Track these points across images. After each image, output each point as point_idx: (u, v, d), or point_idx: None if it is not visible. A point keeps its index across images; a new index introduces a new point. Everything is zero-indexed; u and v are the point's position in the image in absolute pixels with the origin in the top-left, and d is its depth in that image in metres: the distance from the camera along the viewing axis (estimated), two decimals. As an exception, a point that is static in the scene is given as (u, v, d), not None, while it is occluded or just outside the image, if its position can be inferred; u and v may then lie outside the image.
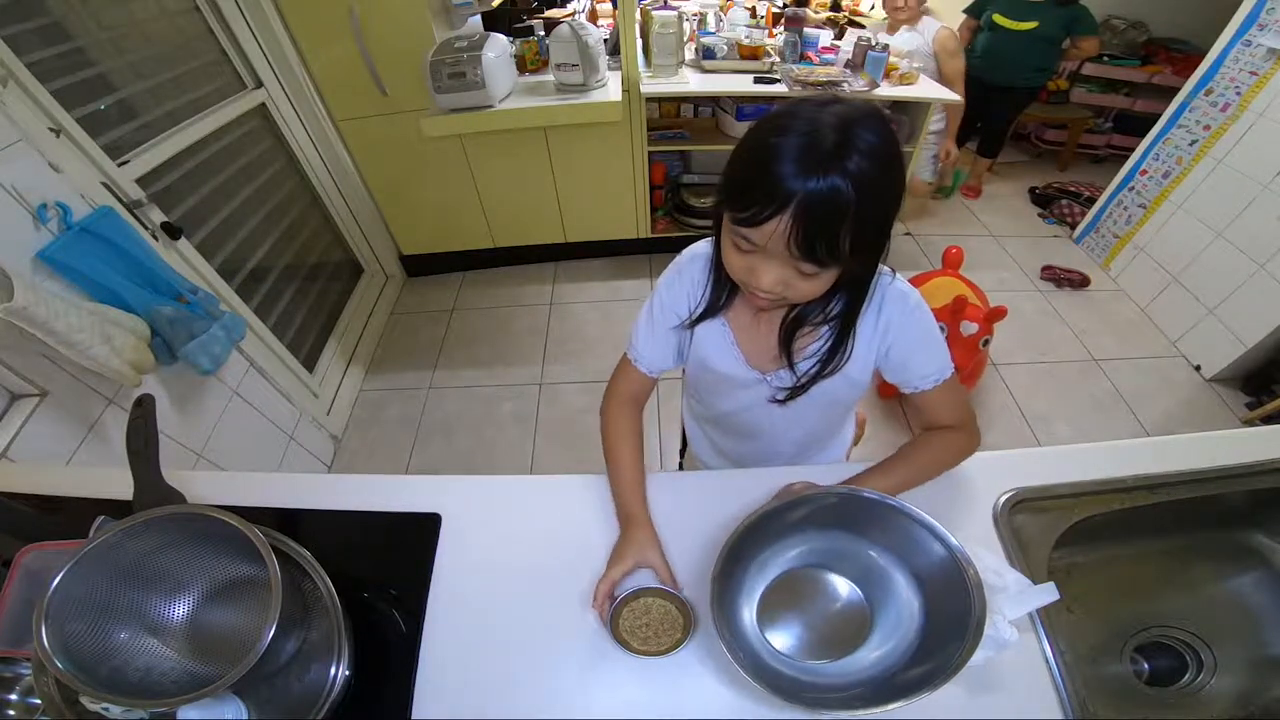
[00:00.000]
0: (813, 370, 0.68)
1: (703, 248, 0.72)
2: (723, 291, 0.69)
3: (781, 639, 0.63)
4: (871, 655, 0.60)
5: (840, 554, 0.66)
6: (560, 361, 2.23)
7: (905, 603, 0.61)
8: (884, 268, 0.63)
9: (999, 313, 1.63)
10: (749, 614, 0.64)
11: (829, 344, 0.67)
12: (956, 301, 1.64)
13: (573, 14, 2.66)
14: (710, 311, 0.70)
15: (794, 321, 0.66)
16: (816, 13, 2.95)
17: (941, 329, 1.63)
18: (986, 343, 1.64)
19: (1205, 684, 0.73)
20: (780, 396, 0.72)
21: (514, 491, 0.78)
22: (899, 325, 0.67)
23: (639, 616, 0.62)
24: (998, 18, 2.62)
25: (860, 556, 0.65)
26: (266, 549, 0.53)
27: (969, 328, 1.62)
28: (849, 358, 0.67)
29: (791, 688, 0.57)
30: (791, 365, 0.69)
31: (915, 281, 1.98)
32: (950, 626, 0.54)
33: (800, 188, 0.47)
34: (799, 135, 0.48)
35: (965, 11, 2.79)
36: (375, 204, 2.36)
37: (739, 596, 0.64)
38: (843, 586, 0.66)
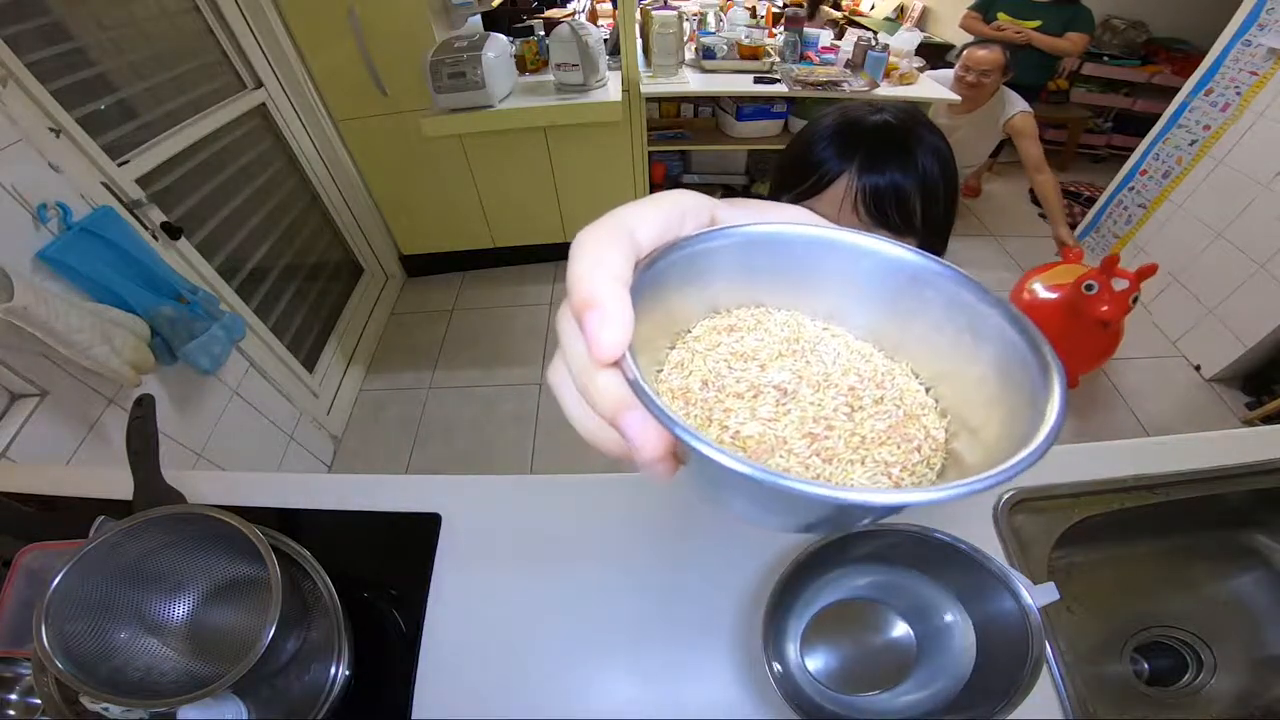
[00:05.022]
0: None
1: None
2: None
3: (814, 662, 0.62)
4: (906, 698, 0.59)
5: (900, 590, 0.64)
6: (560, 361, 2.23)
7: (957, 651, 0.59)
8: None
9: (1149, 269, 1.65)
10: (794, 639, 0.62)
11: None
12: (1107, 261, 1.67)
13: (573, 14, 2.66)
14: None
15: None
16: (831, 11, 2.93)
17: (1090, 286, 1.66)
18: (1136, 299, 1.67)
19: (1205, 684, 0.73)
20: None
21: (514, 491, 0.77)
22: None
23: (753, 357, 0.20)
24: (1003, 16, 2.63)
25: (920, 596, 0.63)
26: (266, 549, 0.53)
27: (1120, 283, 1.65)
28: None
29: (824, 716, 0.56)
30: None
31: (1039, 271, 2.00)
32: (995, 682, 0.52)
33: (862, 147, 0.49)
34: (854, 114, 0.51)
35: (971, 9, 2.79)
36: (375, 204, 2.36)
37: (787, 618, 0.62)
38: (894, 623, 0.64)
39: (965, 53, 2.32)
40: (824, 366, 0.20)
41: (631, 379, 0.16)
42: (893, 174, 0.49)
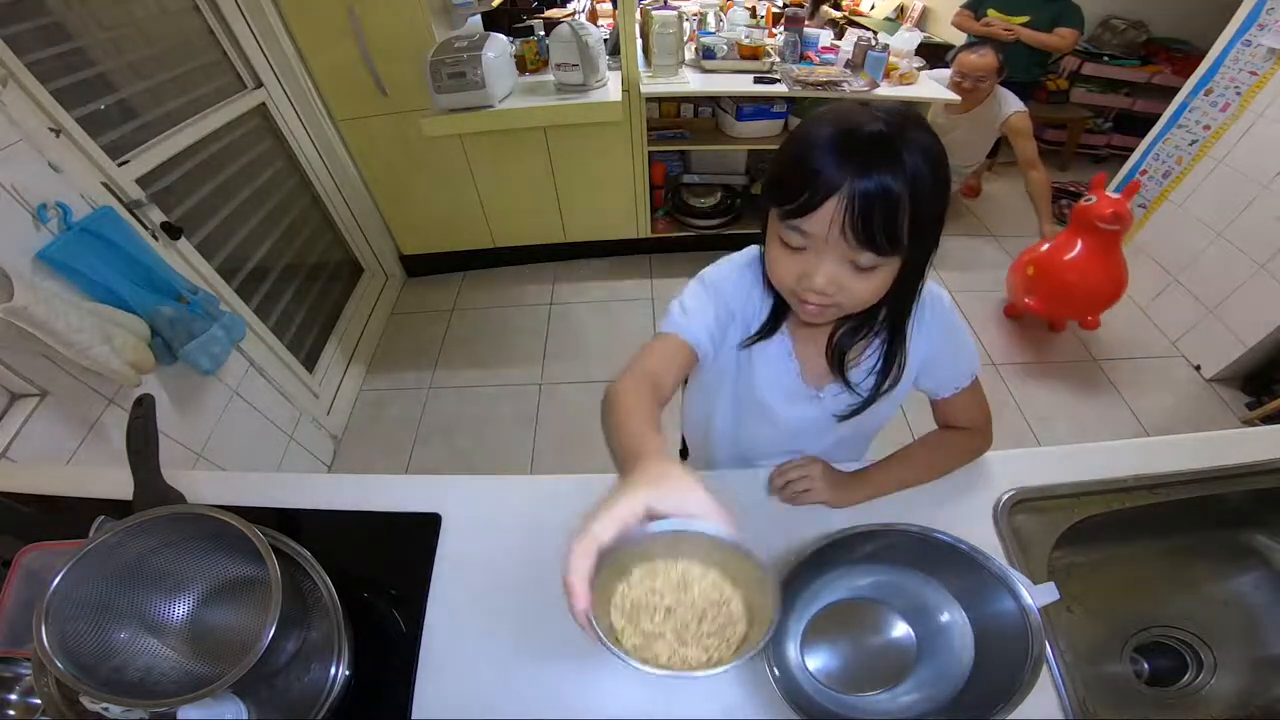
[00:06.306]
0: (873, 387, 0.66)
1: (760, 251, 0.66)
2: (782, 305, 0.65)
3: (814, 662, 0.62)
4: (905, 698, 0.59)
5: (900, 590, 0.64)
6: (560, 361, 2.23)
7: (957, 651, 0.59)
8: None
9: (1134, 185, 2.07)
10: (794, 639, 0.63)
11: (884, 355, 0.65)
12: (1095, 180, 1.97)
13: (573, 14, 2.66)
14: (773, 324, 0.67)
15: (845, 336, 0.64)
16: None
17: (1088, 199, 1.90)
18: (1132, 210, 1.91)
19: (1205, 684, 0.73)
20: (843, 412, 0.70)
21: (514, 491, 0.78)
22: (940, 330, 0.66)
23: (659, 592, 0.36)
24: (992, 12, 2.64)
25: (920, 596, 0.63)
26: (266, 549, 0.53)
27: (1112, 193, 1.93)
28: (905, 366, 0.65)
29: (824, 716, 0.56)
30: (846, 380, 0.66)
31: (1029, 251, 2.15)
32: (995, 682, 0.52)
33: (853, 167, 0.47)
34: (847, 124, 0.49)
35: (964, 8, 2.79)
36: (375, 204, 2.36)
37: (787, 618, 0.62)
38: (894, 623, 0.64)
39: (958, 58, 2.32)
40: (693, 597, 0.38)
41: (586, 613, 0.34)
42: (880, 201, 0.48)
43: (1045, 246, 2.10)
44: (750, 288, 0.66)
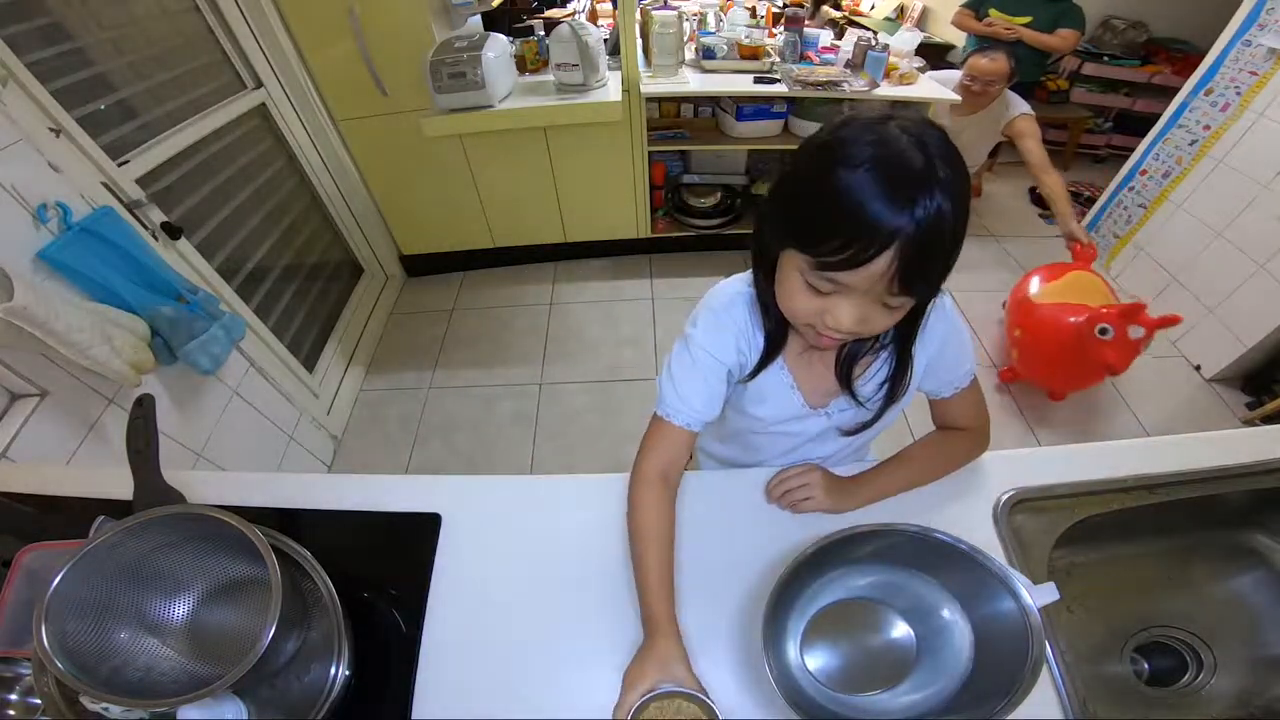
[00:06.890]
0: (881, 401, 0.66)
1: (737, 287, 0.66)
2: (779, 335, 0.64)
3: (814, 662, 0.62)
4: (905, 698, 0.59)
5: (900, 590, 0.64)
6: (560, 361, 2.23)
7: (957, 650, 0.59)
8: None
9: (1171, 320, 1.58)
10: (794, 639, 0.63)
11: (892, 369, 0.64)
12: (1131, 307, 1.60)
13: (573, 14, 2.66)
14: (768, 359, 0.65)
15: (852, 353, 0.63)
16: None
17: (1104, 331, 1.61)
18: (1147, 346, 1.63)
19: (1205, 684, 0.73)
20: (849, 427, 0.70)
21: (514, 491, 0.78)
22: (943, 332, 0.65)
23: (668, 713, 0.57)
24: (994, 12, 2.64)
25: (920, 596, 0.63)
26: (266, 549, 0.53)
27: (1137, 331, 1.60)
28: (912, 378, 0.65)
29: (824, 716, 0.57)
30: (854, 396, 0.66)
31: (1051, 274, 1.97)
32: (995, 682, 0.52)
33: (906, 220, 0.42)
34: (882, 161, 0.43)
35: (964, 7, 2.79)
36: (375, 204, 2.36)
37: (787, 618, 0.63)
38: (894, 623, 0.64)
39: (969, 62, 2.31)
40: (678, 711, 0.55)
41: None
42: (935, 242, 0.44)
43: (1042, 297, 1.91)
44: (738, 333, 0.65)
